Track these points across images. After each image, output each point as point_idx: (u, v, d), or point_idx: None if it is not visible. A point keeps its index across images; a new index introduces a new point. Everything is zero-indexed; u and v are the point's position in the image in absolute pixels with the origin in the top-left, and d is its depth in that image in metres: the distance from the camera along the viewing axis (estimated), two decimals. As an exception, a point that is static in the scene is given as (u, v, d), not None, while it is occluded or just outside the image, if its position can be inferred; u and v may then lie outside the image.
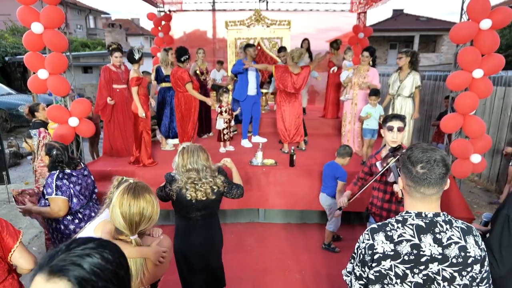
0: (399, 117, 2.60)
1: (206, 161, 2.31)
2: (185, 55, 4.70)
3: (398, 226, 1.30)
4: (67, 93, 4.23)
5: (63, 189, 2.71)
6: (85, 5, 28.00)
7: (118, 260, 0.87)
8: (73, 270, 0.78)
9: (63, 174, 2.78)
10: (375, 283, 1.32)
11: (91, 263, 0.80)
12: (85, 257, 0.81)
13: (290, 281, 3.37)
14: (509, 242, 1.57)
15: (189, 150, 2.31)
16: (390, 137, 2.56)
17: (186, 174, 2.26)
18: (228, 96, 5.19)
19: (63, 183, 2.73)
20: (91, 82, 12.95)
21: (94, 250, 0.83)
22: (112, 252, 0.86)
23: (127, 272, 0.90)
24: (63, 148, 2.85)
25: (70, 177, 2.79)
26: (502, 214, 1.62)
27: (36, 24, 3.76)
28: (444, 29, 20.41)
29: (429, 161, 1.27)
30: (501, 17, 3.66)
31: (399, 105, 4.63)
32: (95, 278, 0.79)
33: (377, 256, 1.29)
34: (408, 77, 4.53)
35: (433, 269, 1.25)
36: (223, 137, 5.23)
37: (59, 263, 0.79)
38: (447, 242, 1.25)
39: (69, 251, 0.82)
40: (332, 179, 3.76)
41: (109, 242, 0.91)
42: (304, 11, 8.75)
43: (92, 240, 0.87)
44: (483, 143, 4.06)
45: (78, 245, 0.83)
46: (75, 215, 2.86)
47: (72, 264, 0.79)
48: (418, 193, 1.30)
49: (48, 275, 0.77)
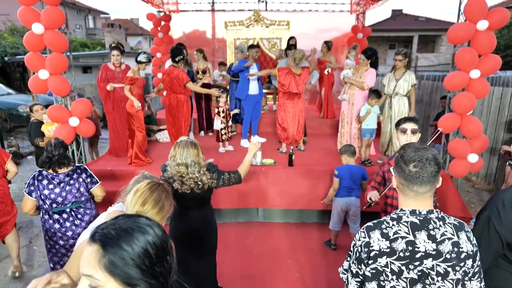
0: (412, 119, 2.56)
1: (195, 156, 2.38)
2: (179, 55, 4.71)
3: (393, 223, 1.34)
4: (67, 93, 4.26)
5: (31, 188, 2.75)
6: (84, 5, 27.97)
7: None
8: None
9: (39, 173, 2.80)
10: (371, 280, 1.35)
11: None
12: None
13: (289, 280, 3.39)
14: (488, 242, 1.60)
15: (181, 145, 2.40)
16: (403, 140, 2.51)
17: (176, 168, 2.38)
18: (225, 97, 5.22)
19: (33, 183, 2.76)
20: (90, 82, 12.93)
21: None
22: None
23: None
24: (56, 145, 2.81)
25: (43, 180, 2.77)
26: (483, 215, 1.65)
27: (36, 25, 3.78)
28: (443, 29, 20.43)
29: (421, 159, 1.31)
30: (498, 18, 3.69)
31: (396, 105, 4.66)
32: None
33: (373, 253, 1.32)
34: (403, 76, 4.57)
35: (427, 264, 1.28)
36: (221, 137, 5.27)
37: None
38: (440, 238, 1.29)
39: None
40: (359, 180, 3.72)
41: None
42: (303, 12, 8.78)
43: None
44: (480, 143, 4.09)
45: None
46: (50, 215, 2.86)
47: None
48: (411, 191, 1.33)
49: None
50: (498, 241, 1.58)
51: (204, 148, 5.44)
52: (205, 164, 2.46)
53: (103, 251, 0.83)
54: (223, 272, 3.48)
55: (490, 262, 1.63)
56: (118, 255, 0.82)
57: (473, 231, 1.63)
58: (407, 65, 4.60)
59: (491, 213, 1.61)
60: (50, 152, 2.78)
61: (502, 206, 1.57)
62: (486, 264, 1.60)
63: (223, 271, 3.49)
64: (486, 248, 1.60)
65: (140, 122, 4.68)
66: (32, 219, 4.72)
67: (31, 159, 7.35)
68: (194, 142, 2.44)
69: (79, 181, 2.89)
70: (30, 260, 3.81)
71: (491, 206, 1.63)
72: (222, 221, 4.58)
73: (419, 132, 2.56)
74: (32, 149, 7.19)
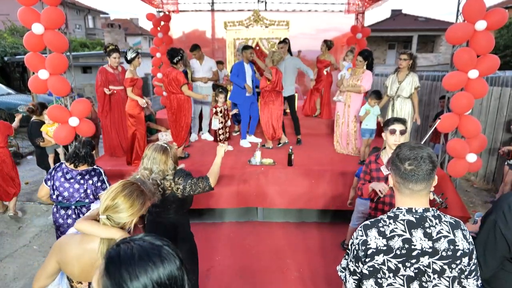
0: (400, 120, 2.62)
1: (162, 163, 2.27)
2: (177, 57, 4.71)
3: (390, 222, 1.35)
4: (67, 93, 4.27)
5: (48, 177, 2.92)
6: (84, 5, 27.95)
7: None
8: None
9: (59, 166, 2.96)
10: (368, 277, 1.36)
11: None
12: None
13: (289, 280, 3.41)
14: (494, 246, 1.59)
15: (151, 148, 2.31)
16: (392, 140, 2.57)
17: (142, 171, 2.30)
18: (224, 97, 5.23)
19: (52, 173, 2.93)
20: (90, 82, 12.95)
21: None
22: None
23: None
24: (85, 143, 2.95)
25: (58, 172, 2.92)
26: (489, 219, 1.63)
27: (36, 25, 3.79)
28: (442, 29, 20.45)
29: (416, 158, 1.33)
30: (497, 18, 3.70)
31: (399, 106, 4.64)
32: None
33: (370, 251, 1.34)
34: (406, 78, 4.53)
35: (424, 262, 1.30)
36: (218, 137, 5.28)
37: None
38: (436, 236, 1.30)
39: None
40: None
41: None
42: (302, 12, 8.78)
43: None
44: (479, 142, 4.11)
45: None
46: (58, 209, 2.97)
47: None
48: (407, 189, 1.35)
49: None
50: (505, 245, 1.56)
51: (204, 148, 5.51)
52: (171, 172, 2.31)
53: (104, 271, 0.83)
54: (223, 271, 3.49)
55: (496, 266, 1.61)
56: (115, 282, 0.81)
57: (479, 235, 1.63)
58: (411, 67, 4.55)
59: (497, 217, 1.59)
60: (78, 148, 2.91)
61: (509, 210, 1.56)
62: (493, 268, 1.59)
63: (222, 270, 3.51)
64: (492, 252, 1.59)
65: (142, 123, 4.69)
66: (32, 219, 4.74)
67: (31, 159, 7.36)
68: (164, 147, 2.31)
69: (88, 183, 2.93)
70: (31, 260, 3.82)
71: (497, 210, 1.61)
72: (222, 221, 4.59)
73: (407, 132, 2.59)
74: (32, 149, 7.20)
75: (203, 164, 4.59)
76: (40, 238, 4.28)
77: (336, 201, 4.39)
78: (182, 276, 0.88)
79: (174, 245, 0.94)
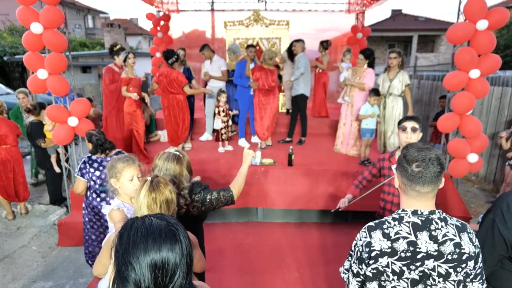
0: (413, 118, 2.59)
1: (177, 174, 2.01)
2: (171, 58, 4.70)
3: (395, 223, 1.33)
4: (66, 93, 4.24)
5: (83, 171, 3.13)
6: (83, 4, 27.92)
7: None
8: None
9: (89, 159, 3.16)
10: (372, 280, 1.34)
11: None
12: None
13: (289, 280, 3.39)
14: (492, 245, 1.59)
15: (163, 157, 2.04)
16: (404, 137, 2.54)
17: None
18: (225, 96, 5.21)
19: (85, 167, 3.13)
20: (90, 82, 12.94)
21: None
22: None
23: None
24: (99, 133, 3.21)
25: (93, 163, 3.14)
26: (488, 218, 1.64)
27: (35, 24, 3.76)
28: (442, 29, 20.44)
29: (424, 159, 1.30)
30: (498, 17, 3.68)
31: (390, 104, 4.68)
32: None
33: (374, 253, 1.32)
34: (397, 76, 4.58)
35: (429, 265, 1.28)
36: (221, 137, 5.26)
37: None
38: (442, 239, 1.28)
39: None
40: None
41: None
42: (302, 11, 8.77)
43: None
44: (480, 142, 4.09)
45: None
46: (98, 194, 3.19)
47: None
48: (414, 191, 1.33)
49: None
50: (503, 244, 1.57)
51: (203, 148, 5.50)
52: (188, 186, 2.04)
53: (117, 237, 0.93)
54: (223, 272, 3.47)
55: (494, 265, 1.62)
56: (122, 250, 0.89)
57: (477, 234, 1.63)
58: (401, 65, 4.59)
59: (496, 216, 1.60)
60: (99, 139, 3.16)
61: (507, 209, 1.56)
62: (490, 267, 1.59)
63: (222, 270, 3.49)
64: (490, 251, 1.59)
65: (138, 120, 4.71)
66: (31, 220, 4.71)
67: (29, 159, 7.32)
68: (178, 156, 2.04)
69: None
70: (29, 261, 3.80)
71: (496, 209, 1.62)
72: (222, 221, 4.57)
73: (420, 131, 2.56)
74: (29, 150, 7.16)
75: (201, 164, 4.57)
76: (39, 238, 4.26)
77: (336, 201, 4.34)
78: (182, 261, 0.93)
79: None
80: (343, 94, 5.13)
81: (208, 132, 6.04)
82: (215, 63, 5.83)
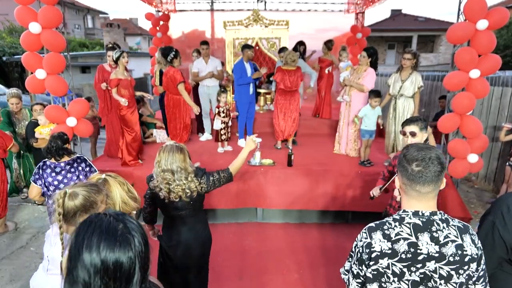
0: (414, 120, 2.58)
1: (182, 162, 2.25)
2: (170, 54, 4.63)
3: (396, 224, 1.31)
4: (65, 93, 4.23)
5: (36, 177, 3.05)
6: (83, 4, 27.93)
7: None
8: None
9: (43, 163, 3.08)
10: (372, 281, 1.32)
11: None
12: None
13: (289, 281, 3.37)
14: (492, 247, 1.58)
15: (166, 149, 2.26)
16: (406, 142, 2.58)
17: (162, 174, 2.24)
18: (225, 97, 5.19)
19: (38, 172, 3.05)
20: (89, 82, 12.89)
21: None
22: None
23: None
24: (55, 137, 3.07)
25: (47, 169, 3.05)
26: (488, 219, 1.63)
27: (34, 24, 3.75)
28: (442, 29, 20.48)
29: (424, 159, 1.28)
30: (498, 17, 3.67)
31: (401, 106, 4.60)
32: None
33: (374, 254, 1.30)
34: (410, 77, 4.49)
35: (430, 267, 1.26)
36: (220, 137, 5.24)
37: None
38: (444, 240, 1.26)
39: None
40: None
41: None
42: (302, 11, 8.76)
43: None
44: (480, 143, 4.08)
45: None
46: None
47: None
48: (414, 191, 1.31)
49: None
50: (503, 246, 1.56)
51: (203, 148, 5.48)
52: (192, 170, 2.32)
53: (75, 230, 0.96)
54: (222, 273, 3.46)
55: (494, 267, 1.61)
56: (76, 244, 0.92)
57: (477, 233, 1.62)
58: (414, 66, 4.51)
59: (495, 218, 1.58)
60: (50, 143, 3.05)
61: (507, 211, 1.55)
62: (490, 269, 1.57)
63: (222, 272, 3.47)
64: (490, 253, 1.57)
65: (128, 123, 4.53)
66: (30, 220, 4.69)
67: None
68: (180, 147, 2.30)
69: (79, 170, 3.13)
70: (28, 262, 3.78)
71: (496, 211, 1.60)
72: (221, 222, 4.56)
73: (425, 132, 2.55)
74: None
75: (201, 164, 4.55)
76: (37, 239, 4.24)
77: (336, 202, 4.37)
78: (133, 267, 0.93)
79: (201, 253, 1.02)
80: (343, 93, 5.11)
81: (207, 132, 6.03)
82: (212, 63, 5.83)
